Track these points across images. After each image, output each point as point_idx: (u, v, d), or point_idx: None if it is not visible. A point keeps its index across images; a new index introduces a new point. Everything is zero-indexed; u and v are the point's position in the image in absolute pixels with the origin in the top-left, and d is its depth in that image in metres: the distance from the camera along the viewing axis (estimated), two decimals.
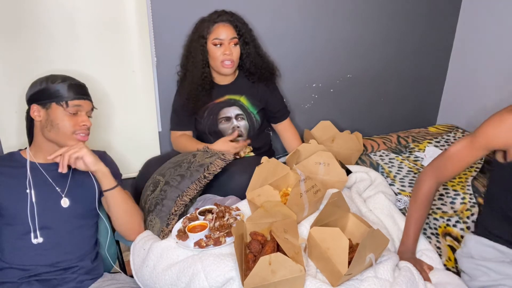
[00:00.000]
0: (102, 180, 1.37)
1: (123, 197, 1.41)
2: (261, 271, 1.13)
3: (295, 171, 1.59)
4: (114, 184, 1.39)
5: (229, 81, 1.89)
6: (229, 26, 1.76)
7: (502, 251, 1.37)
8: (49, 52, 1.68)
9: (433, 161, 1.54)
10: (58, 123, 1.33)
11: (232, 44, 1.76)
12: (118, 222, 1.44)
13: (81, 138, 1.37)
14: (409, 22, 2.32)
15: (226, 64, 1.77)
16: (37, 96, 1.35)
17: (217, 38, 1.74)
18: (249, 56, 1.83)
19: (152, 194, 1.57)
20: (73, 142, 1.35)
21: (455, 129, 2.41)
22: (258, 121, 1.90)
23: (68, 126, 1.34)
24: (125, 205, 1.42)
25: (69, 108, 1.34)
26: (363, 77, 2.35)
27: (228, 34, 1.74)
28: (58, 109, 1.34)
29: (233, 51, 1.77)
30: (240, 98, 1.88)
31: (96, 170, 1.35)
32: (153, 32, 1.83)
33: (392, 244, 1.50)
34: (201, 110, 1.87)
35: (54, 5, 1.63)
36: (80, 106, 1.37)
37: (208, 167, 1.53)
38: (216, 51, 1.76)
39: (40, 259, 1.31)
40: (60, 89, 1.34)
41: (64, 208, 1.37)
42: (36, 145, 1.40)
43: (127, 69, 1.82)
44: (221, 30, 1.74)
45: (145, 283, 1.38)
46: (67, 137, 1.35)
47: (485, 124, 1.41)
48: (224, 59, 1.76)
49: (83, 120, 1.37)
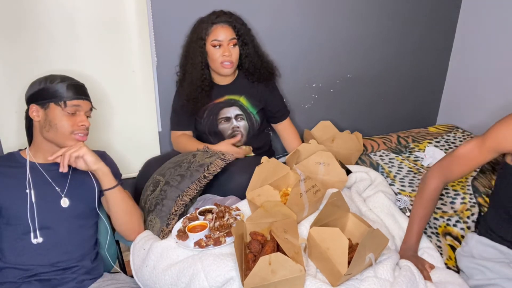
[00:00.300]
0: (103, 179, 1.37)
1: (123, 196, 1.41)
2: (261, 271, 1.13)
3: (295, 171, 1.59)
4: (114, 184, 1.39)
5: (229, 81, 1.89)
6: (227, 27, 1.75)
7: (502, 251, 1.37)
8: (49, 52, 1.68)
9: (441, 160, 1.54)
10: (57, 123, 1.33)
11: (231, 45, 1.76)
12: (118, 222, 1.44)
13: (79, 138, 1.37)
14: (409, 22, 2.32)
15: (225, 65, 1.77)
16: (36, 96, 1.34)
17: (216, 39, 1.74)
18: (248, 56, 1.83)
19: (152, 194, 1.57)
20: (72, 142, 1.35)
21: (455, 129, 2.41)
22: (257, 121, 1.90)
23: (67, 126, 1.34)
24: (125, 205, 1.42)
25: (68, 108, 1.34)
26: (363, 77, 2.35)
27: (227, 35, 1.74)
28: (57, 109, 1.33)
29: (232, 52, 1.77)
30: (239, 98, 1.88)
31: (96, 169, 1.35)
32: (153, 32, 1.83)
33: (393, 242, 1.50)
34: (201, 110, 1.87)
35: (54, 5, 1.63)
36: (79, 106, 1.36)
37: (208, 167, 1.53)
38: (215, 53, 1.76)
39: (40, 259, 1.31)
40: (58, 89, 1.34)
41: (64, 208, 1.37)
42: (35, 145, 1.40)
43: (127, 69, 1.82)
44: (220, 32, 1.74)
45: (145, 283, 1.38)
46: (66, 137, 1.35)
47: (496, 126, 1.39)
48: (223, 60, 1.76)
49: (82, 120, 1.37)
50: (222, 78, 1.87)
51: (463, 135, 2.32)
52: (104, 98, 1.82)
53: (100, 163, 1.36)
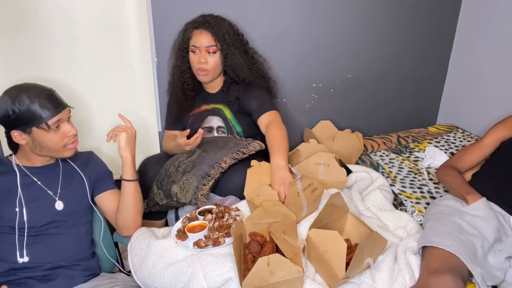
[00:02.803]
0: (124, 169, 1.42)
1: (137, 191, 1.45)
2: (260, 272, 1.13)
3: (291, 171, 1.59)
4: (133, 177, 1.43)
5: (216, 89, 1.85)
6: (206, 33, 1.69)
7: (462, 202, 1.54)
8: (50, 53, 1.68)
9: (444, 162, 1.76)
10: (47, 143, 1.30)
11: (209, 52, 1.71)
12: (122, 214, 1.45)
13: (72, 146, 1.36)
14: (409, 22, 2.32)
15: (200, 72, 1.73)
16: (12, 123, 1.26)
17: (194, 45, 1.71)
18: (231, 65, 1.75)
19: (189, 158, 1.65)
20: (68, 153, 1.36)
21: (455, 129, 2.41)
22: (239, 134, 1.83)
23: (57, 142, 1.31)
24: (137, 199, 1.45)
25: (51, 127, 1.28)
26: (363, 77, 2.35)
27: (203, 42, 1.69)
28: (40, 132, 1.27)
29: (209, 60, 1.71)
30: (222, 107, 1.84)
31: (121, 155, 1.41)
32: (153, 32, 1.83)
33: (388, 232, 1.52)
34: (186, 116, 1.86)
35: (54, 5, 1.63)
36: (60, 119, 1.30)
37: (247, 146, 1.64)
38: (193, 59, 1.73)
39: (37, 257, 1.32)
40: (34, 111, 1.24)
41: (58, 210, 1.36)
42: (25, 156, 1.36)
43: (127, 69, 1.82)
44: (198, 37, 1.70)
45: (144, 282, 1.39)
46: (60, 152, 1.34)
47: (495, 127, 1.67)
48: (199, 67, 1.72)
49: (68, 130, 1.32)
50: (209, 85, 1.84)
51: (463, 135, 2.32)
52: (104, 98, 1.82)
53: (127, 153, 1.41)
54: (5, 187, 1.32)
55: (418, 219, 1.65)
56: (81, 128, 1.79)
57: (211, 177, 1.57)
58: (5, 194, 1.31)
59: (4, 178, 1.33)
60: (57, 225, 1.36)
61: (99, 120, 1.84)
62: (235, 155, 1.61)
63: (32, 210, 1.32)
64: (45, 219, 1.34)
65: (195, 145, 1.68)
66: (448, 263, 1.24)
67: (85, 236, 1.44)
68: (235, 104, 1.81)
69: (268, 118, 1.70)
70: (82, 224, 1.43)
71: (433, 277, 1.21)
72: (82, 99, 1.78)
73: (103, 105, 1.83)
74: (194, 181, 1.56)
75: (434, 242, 1.31)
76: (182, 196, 1.57)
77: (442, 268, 1.22)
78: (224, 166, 1.58)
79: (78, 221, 1.41)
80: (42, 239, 1.33)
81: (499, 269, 1.32)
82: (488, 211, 1.42)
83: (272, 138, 1.60)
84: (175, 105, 1.84)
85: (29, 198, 1.33)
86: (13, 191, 1.32)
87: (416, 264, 1.33)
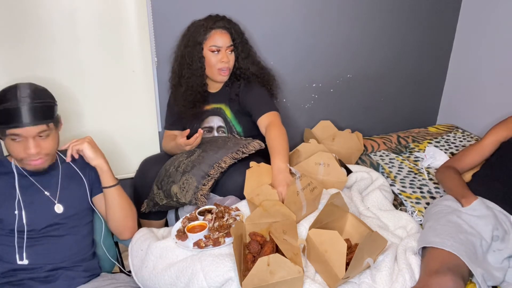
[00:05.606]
0: (101, 177, 1.37)
1: (120, 195, 1.41)
2: (260, 272, 1.13)
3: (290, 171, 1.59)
4: (113, 183, 1.39)
5: (217, 88, 1.86)
6: (226, 33, 1.74)
7: None
8: (50, 53, 1.68)
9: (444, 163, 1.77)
10: (10, 150, 1.25)
11: (229, 51, 1.75)
12: (113, 220, 1.43)
13: (32, 163, 1.27)
14: (409, 22, 2.32)
15: (222, 72, 1.76)
16: None
17: (215, 45, 1.72)
18: (242, 63, 1.80)
19: (188, 158, 1.65)
20: (28, 167, 1.29)
21: (455, 129, 2.41)
22: (239, 134, 1.84)
23: (17, 153, 1.24)
24: (123, 203, 1.42)
25: (8, 136, 1.21)
26: (363, 77, 2.35)
27: (225, 41, 1.73)
28: (4, 137, 1.24)
29: (230, 59, 1.76)
30: (223, 106, 1.84)
31: (95, 165, 1.36)
32: (153, 32, 1.83)
33: (388, 232, 1.52)
34: (187, 117, 1.85)
35: (54, 5, 1.63)
36: (18, 135, 1.21)
37: (246, 146, 1.64)
38: (212, 58, 1.74)
39: (37, 259, 1.31)
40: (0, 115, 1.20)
41: (58, 213, 1.35)
42: None
43: (127, 69, 1.82)
44: (219, 37, 1.72)
45: (144, 283, 1.38)
46: (20, 163, 1.29)
47: (495, 127, 1.67)
48: (221, 66, 1.74)
49: (27, 147, 1.22)
50: (213, 84, 1.85)
51: (463, 135, 2.32)
52: (104, 97, 1.82)
53: (100, 160, 1.36)
54: (4, 189, 1.30)
55: (418, 219, 1.64)
56: (81, 128, 1.81)
57: (211, 177, 1.57)
58: (4, 196, 1.30)
59: (3, 180, 1.31)
60: (57, 227, 1.35)
61: (99, 120, 1.84)
62: (235, 154, 1.62)
63: (31, 213, 1.31)
64: (44, 222, 1.33)
65: (195, 145, 1.68)
66: (448, 263, 1.24)
67: (86, 237, 1.43)
68: (235, 101, 1.81)
69: (268, 119, 1.69)
70: (83, 225, 1.42)
71: (433, 277, 1.21)
72: (82, 99, 1.78)
73: (103, 105, 1.83)
74: (194, 181, 1.56)
75: (434, 242, 1.31)
76: (182, 196, 1.57)
77: (443, 268, 1.22)
78: (224, 166, 1.59)
79: (79, 222, 1.40)
80: (42, 242, 1.32)
81: (498, 269, 1.32)
82: (485, 210, 1.42)
83: (272, 140, 1.59)
84: (189, 109, 1.81)
85: (28, 201, 1.31)
86: (12, 194, 1.31)
87: (416, 264, 1.32)
